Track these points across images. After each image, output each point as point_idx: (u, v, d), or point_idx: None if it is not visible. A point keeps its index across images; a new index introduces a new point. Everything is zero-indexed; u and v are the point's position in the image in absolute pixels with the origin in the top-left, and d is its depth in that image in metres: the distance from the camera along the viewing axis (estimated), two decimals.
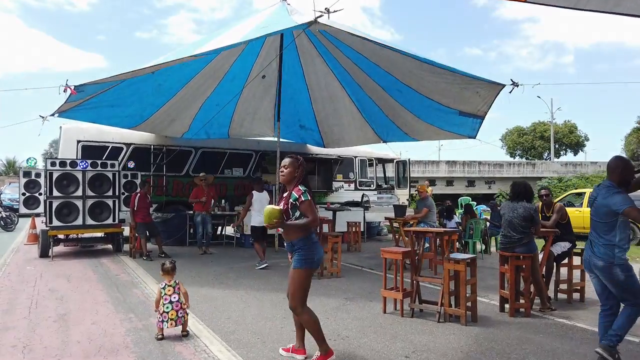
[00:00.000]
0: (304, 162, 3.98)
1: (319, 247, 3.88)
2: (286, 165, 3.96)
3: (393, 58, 8.89)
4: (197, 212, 10.26)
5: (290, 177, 3.93)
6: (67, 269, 8.23)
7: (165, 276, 4.56)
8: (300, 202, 3.73)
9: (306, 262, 3.74)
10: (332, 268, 7.52)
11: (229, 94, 11.57)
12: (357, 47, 9.57)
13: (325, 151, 15.05)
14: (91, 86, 7.58)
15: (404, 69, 9.11)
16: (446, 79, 8.41)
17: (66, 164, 9.70)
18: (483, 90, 8.17)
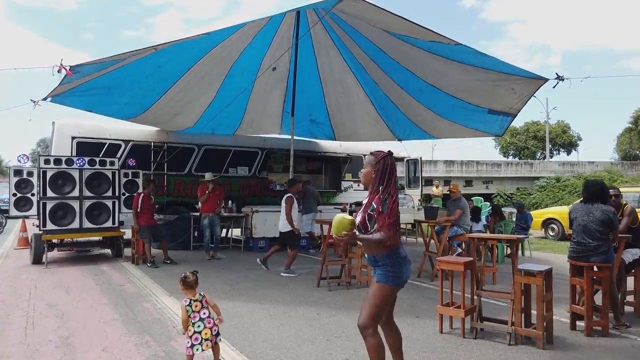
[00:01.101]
0: (387, 156, 3.22)
1: (408, 263, 3.17)
2: (365, 165, 3.31)
3: (415, 55, 8.22)
4: (204, 214, 9.47)
5: (366, 179, 3.26)
6: (64, 277, 7.40)
7: (188, 291, 3.80)
8: (377, 213, 3.06)
9: (394, 279, 3.08)
10: (362, 277, 6.78)
11: (239, 90, 10.80)
12: (376, 41, 8.89)
13: (334, 149, 14.33)
14: (88, 67, 6.79)
15: (427, 67, 8.44)
16: (478, 76, 7.74)
17: (61, 161, 8.86)
18: (520, 86, 7.51)
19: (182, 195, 11.98)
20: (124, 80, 9.05)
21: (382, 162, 3.17)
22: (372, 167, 3.21)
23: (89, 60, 6.62)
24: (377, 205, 3.07)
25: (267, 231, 10.95)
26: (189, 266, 8.50)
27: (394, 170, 3.21)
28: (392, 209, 3.04)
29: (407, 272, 3.15)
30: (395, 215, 3.06)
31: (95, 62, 6.79)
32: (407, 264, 3.15)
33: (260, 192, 13.09)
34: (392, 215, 3.03)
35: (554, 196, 32.99)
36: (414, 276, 7.72)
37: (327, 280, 6.60)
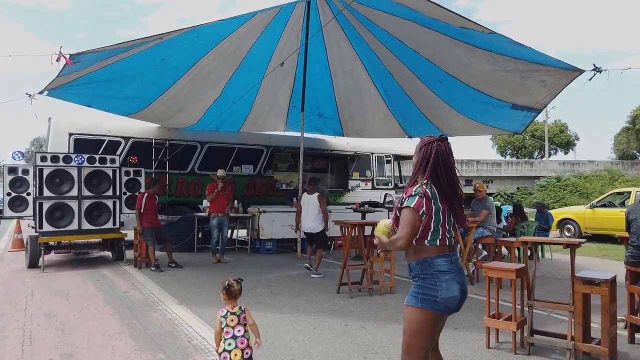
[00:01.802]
0: (436, 142, 2.68)
1: (451, 278, 2.52)
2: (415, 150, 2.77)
3: (438, 43, 7.75)
4: (213, 214, 8.95)
5: (414, 170, 2.73)
6: (63, 283, 6.88)
7: (230, 301, 3.31)
8: (401, 207, 2.58)
9: (424, 300, 2.50)
10: (386, 282, 6.31)
11: (247, 88, 10.30)
12: (393, 30, 8.42)
13: (341, 147, 13.85)
14: (89, 55, 6.27)
15: (450, 56, 7.96)
16: (506, 66, 7.27)
17: (58, 158, 8.33)
18: (552, 78, 7.04)
19: (184, 194, 11.47)
20: (125, 73, 8.55)
21: (426, 148, 2.65)
22: (416, 153, 2.72)
23: (90, 49, 6.09)
24: (405, 198, 2.57)
25: (275, 232, 10.47)
26: (195, 270, 8.01)
27: (441, 160, 2.61)
28: (420, 206, 2.50)
29: (448, 291, 2.48)
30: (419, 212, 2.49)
31: (97, 51, 6.28)
32: (449, 280, 2.49)
33: (265, 192, 12.59)
34: (414, 211, 2.50)
35: (555, 196, 32.71)
36: None
37: (348, 286, 6.11)
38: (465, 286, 2.60)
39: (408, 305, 2.56)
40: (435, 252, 2.54)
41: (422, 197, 2.51)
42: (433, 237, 2.55)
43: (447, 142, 2.72)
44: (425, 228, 2.55)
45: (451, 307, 2.51)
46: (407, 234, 2.48)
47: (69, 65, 6.10)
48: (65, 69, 6.40)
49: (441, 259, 2.53)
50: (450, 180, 2.65)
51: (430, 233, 2.55)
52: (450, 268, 2.53)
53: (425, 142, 2.69)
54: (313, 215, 7.94)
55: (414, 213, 2.49)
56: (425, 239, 2.55)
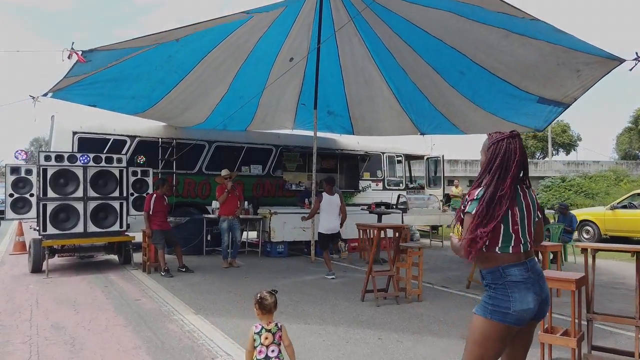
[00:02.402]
0: (507, 139, 2.38)
1: (526, 288, 2.26)
2: (482, 148, 2.49)
3: (467, 28, 7.37)
4: (223, 216, 8.56)
5: (481, 170, 2.44)
6: (69, 290, 6.49)
7: (264, 316, 2.95)
8: (464, 212, 2.36)
9: (494, 312, 2.26)
10: (413, 290, 5.93)
11: (254, 83, 9.95)
12: (415, 19, 8.05)
13: (351, 146, 13.48)
14: (103, 53, 5.88)
15: (479, 41, 7.54)
16: (542, 49, 6.84)
17: (63, 158, 7.95)
18: (589, 68, 6.67)
19: (192, 195, 11.10)
20: (131, 72, 8.22)
21: (495, 147, 2.37)
22: (484, 151, 2.44)
23: (104, 45, 5.70)
24: (467, 202, 2.33)
25: (287, 234, 10.09)
26: (207, 275, 7.63)
27: (511, 159, 2.33)
28: (483, 209, 2.24)
29: (522, 303, 2.24)
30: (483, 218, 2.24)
31: (111, 48, 5.88)
32: (523, 291, 2.25)
33: (274, 192, 12.22)
34: (478, 217, 2.24)
35: (560, 196, 32.38)
36: (461, 286, 6.91)
37: (374, 294, 5.73)
38: (544, 294, 2.33)
39: (475, 315, 2.33)
40: (508, 260, 2.29)
41: (484, 202, 2.27)
42: (504, 244, 2.29)
43: (518, 139, 2.41)
44: (495, 235, 2.27)
45: (524, 319, 2.26)
46: (469, 242, 2.26)
47: (80, 63, 5.73)
48: (75, 68, 6.02)
49: (515, 268, 2.28)
50: (525, 181, 2.42)
51: (501, 240, 2.29)
52: (525, 278, 2.27)
53: (494, 141, 2.40)
54: (336, 215, 7.90)
55: (478, 217, 2.25)
56: (495, 246, 2.29)
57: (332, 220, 7.88)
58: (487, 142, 2.45)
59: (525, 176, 2.43)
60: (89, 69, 6.57)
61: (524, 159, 2.39)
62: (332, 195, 8.00)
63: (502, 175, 2.31)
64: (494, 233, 2.26)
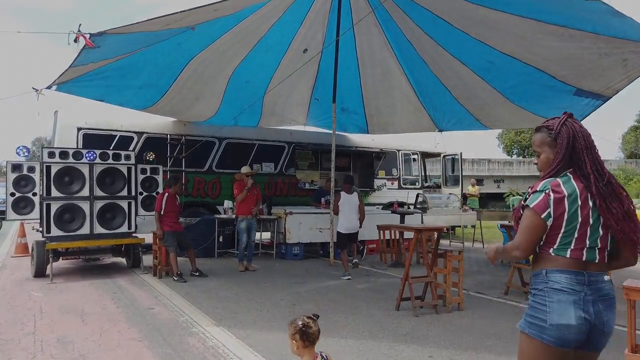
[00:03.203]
0: (568, 120, 2.05)
1: (571, 301, 1.88)
2: (537, 145, 2.12)
3: (497, 19, 6.87)
4: (240, 216, 8.03)
5: (545, 165, 2.07)
6: (75, 297, 5.98)
7: (307, 349, 2.43)
8: (524, 206, 2.02)
9: (531, 324, 1.95)
10: (453, 298, 5.40)
11: (262, 68, 9.44)
12: (437, 10, 7.55)
13: (366, 144, 12.95)
14: (113, 37, 5.37)
15: (509, 33, 7.05)
16: (582, 42, 6.35)
17: (68, 154, 7.44)
18: (638, 57, 6.14)
19: (201, 194, 10.59)
20: (137, 60, 7.74)
21: (564, 132, 2.01)
22: (548, 145, 2.04)
23: (114, 28, 5.18)
24: (529, 194, 2.00)
25: (303, 236, 9.58)
26: (222, 279, 7.12)
27: (584, 143, 2.00)
28: (545, 206, 1.93)
29: (560, 316, 1.86)
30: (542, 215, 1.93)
31: (122, 32, 5.36)
32: (565, 303, 1.87)
33: (287, 192, 11.70)
34: (535, 214, 1.94)
35: None
36: (498, 292, 6.39)
37: (412, 303, 5.21)
38: (601, 321, 1.90)
39: (519, 329, 2.02)
40: (559, 264, 1.94)
41: (548, 195, 1.93)
42: (562, 246, 1.95)
43: (574, 120, 2.07)
44: (553, 232, 1.95)
45: (567, 339, 1.86)
46: (524, 243, 1.97)
47: (88, 49, 5.21)
48: (82, 55, 5.51)
49: (562, 274, 1.91)
50: (600, 169, 1.99)
51: (560, 239, 1.95)
52: (573, 288, 1.89)
53: (559, 124, 2.03)
54: (354, 214, 7.73)
55: (534, 216, 1.94)
56: (551, 246, 1.97)
57: (351, 219, 7.70)
58: (545, 134, 2.07)
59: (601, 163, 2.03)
60: (97, 57, 6.06)
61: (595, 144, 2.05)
62: (351, 194, 7.83)
63: (577, 160, 1.98)
64: (553, 230, 1.93)
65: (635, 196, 29.45)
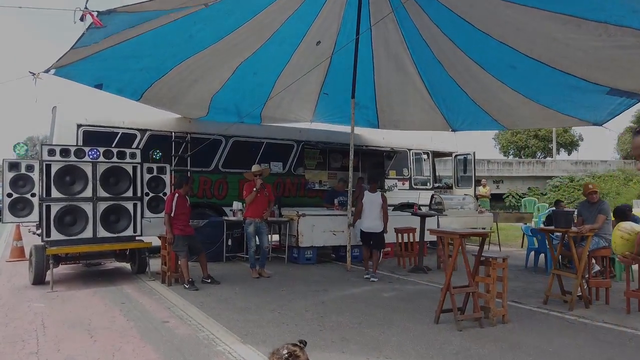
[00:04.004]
0: None
1: None
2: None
3: (523, 19, 6.42)
4: (249, 219, 7.53)
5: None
6: (79, 308, 5.46)
7: None
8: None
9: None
10: (498, 309, 4.94)
11: (273, 61, 8.95)
12: (458, 8, 7.10)
13: (376, 142, 12.48)
14: (122, 16, 4.86)
15: (537, 35, 6.59)
16: (622, 41, 5.90)
17: (69, 152, 6.91)
18: None
19: (207, 195, 10.07)
20: (144, 51, 7.23)
21: None
22: None
23: (124, 6, 4.67)
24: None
25: (315, 239, 9.09)
26: (236, 287, 6.63)
27: None
28: None
29: None
30: None
31: (132, 10, 4.85)
32: None
33: (295, 192, 11.20)
34: None
35: (570, 196, 31.75)
36: (535, 301, 5.95)
37: (455, 317, 4.74)
38: None
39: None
40: None
41: None
42: None
43: None
44: None
45: None
46: None
47: (94, 29, 4.71)
48: (87, 35, 5.00)
49: None
50: None
51: None
52: None
53: None
54: (376, 214, 7.63)
55: None
56: None
57: (370, 218, 7.62)
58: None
59: None
60: (101, 36, 5.52)
61: None
62: (374, 194, 7.76)
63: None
64: None
65: (636, 197, 29.27)
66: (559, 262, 8.38)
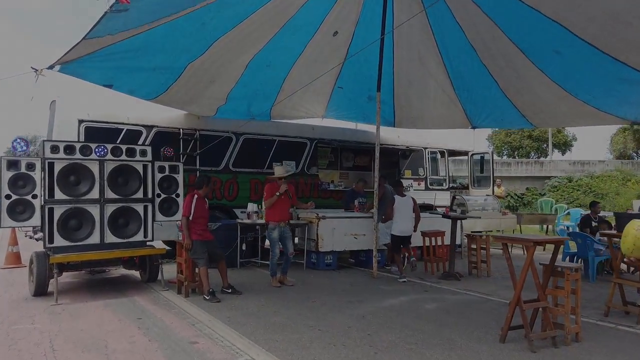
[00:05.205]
0: None
1: None
2: None
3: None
4: (272, 223, 6.89)
5: None
6: (92, 325, 4.81)
7: None
8: None
9: None
10: (572, 326, 4.37)
11: (287, 52, 8.35)
12: None
13: (392, 141, 11.89)
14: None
15: (598, 9, 6.01)
16: None
17: (74, 149, 6.23)
18: None
19: (217, 196, 9.41)
20: (156, 41, 6.62)
21: None
22: None
23: None
24: None
25: (336, 243, 8.51)
26: (261, 298, 6.02)
27: None
28: None
29: None
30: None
31: None
32: None
33: (309, 193, 10.59)
34: None
35: (569, 196, 31.49)
36: (597, 313, 5.41)
37: (527, 336, 4.16)
38: None
39: None
40: None
41: None
42: None
43: None
44: None
45: None
46: None
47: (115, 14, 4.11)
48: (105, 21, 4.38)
49: None
50: None
51: None
52: None
53: None
54: (410, 216, 7.78)
55: None
56: None
57: (406, 221, 7.73)
58: None
59: None
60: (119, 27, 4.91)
61: None
62: (404, 197, 7.88)
63: None
64: None
65: (636, 197, 29.02)
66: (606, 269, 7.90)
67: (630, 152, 55.20)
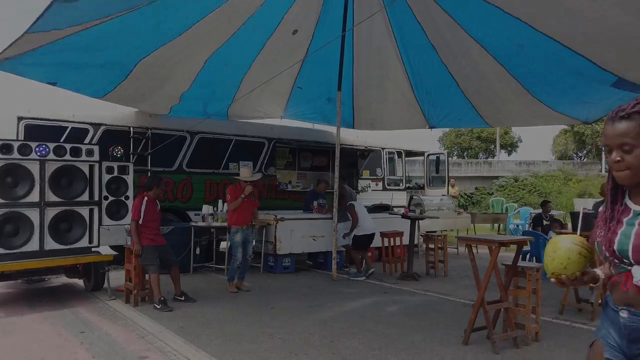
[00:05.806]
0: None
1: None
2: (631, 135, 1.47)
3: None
4: (235, 227, 6.59)
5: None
6: (28, 340, 4.38)
7: None
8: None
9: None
10: (532, 326, 4.38)
11: (244, 50, 8.10)
12: None
13: (350, 141, 11.82)
14: None
15: (557, 5, 6.07)
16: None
17: (12, 148, 5.71)
18: None
19: (169, 198, 8.97)
20: (107, 41, 6.26)
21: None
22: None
23: None
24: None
25: (294, 245, 8.31)
26: (216, 305, 5.74)
27: None
28: None
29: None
30: None
31: None
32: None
33: (266, 194, 10.32)
34: None
35: (515, 195, 32.72)
36: (552, 311, 5.50)
37: (491, 337, 4.13)
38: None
39: None
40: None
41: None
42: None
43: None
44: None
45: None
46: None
47: (62, 4, 3.74)
48: (50, 14, 4.00)
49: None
50: None
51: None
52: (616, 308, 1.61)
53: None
54: (368, 214, 8.10)
55: None
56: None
57: (368, 220, 7.94)
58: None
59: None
60: (67, 21, 4.52)
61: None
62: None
63: None
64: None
65: (577, 196, 30.47)
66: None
67: (571, 153, 58.25)
